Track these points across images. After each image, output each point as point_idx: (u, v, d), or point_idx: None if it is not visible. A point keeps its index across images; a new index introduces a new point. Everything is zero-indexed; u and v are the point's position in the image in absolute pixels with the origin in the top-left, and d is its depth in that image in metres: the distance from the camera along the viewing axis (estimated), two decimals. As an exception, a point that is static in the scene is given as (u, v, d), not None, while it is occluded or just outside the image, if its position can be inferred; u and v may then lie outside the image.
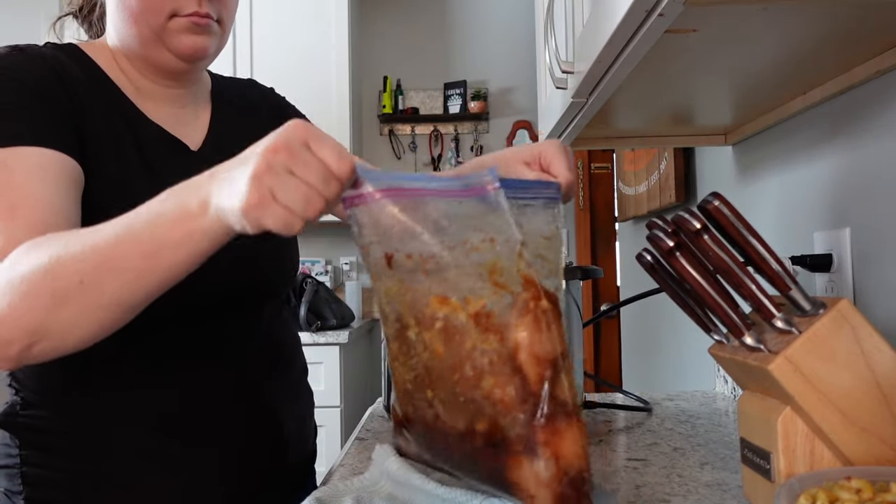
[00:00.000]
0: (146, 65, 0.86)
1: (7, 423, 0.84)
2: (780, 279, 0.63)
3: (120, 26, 0.84)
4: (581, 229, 3.42)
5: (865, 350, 0.61)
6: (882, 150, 0.86)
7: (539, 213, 0.58)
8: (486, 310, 0.53)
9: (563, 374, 0.53)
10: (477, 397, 0.53)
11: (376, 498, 0.72)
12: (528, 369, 0.52)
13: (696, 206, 0.65)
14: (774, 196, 1.16)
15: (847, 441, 0.60)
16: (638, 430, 1.04)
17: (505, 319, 0.53)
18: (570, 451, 0.53)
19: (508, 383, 0.52)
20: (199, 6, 0.81)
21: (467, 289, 0.53)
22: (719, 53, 0.79)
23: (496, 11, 3.47)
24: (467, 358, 0.53)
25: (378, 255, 0.56)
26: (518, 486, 0.53)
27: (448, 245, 0.54)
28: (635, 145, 1.35)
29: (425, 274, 0.54)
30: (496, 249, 0.54)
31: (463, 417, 0.55)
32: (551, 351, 0.53)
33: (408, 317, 0.56)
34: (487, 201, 0.55)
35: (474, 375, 0.53)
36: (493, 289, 0.53)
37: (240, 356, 0.89)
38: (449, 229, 0.54)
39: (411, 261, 0.55)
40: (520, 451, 0.53)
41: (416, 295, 0.55)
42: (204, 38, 0.83)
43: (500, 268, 0.54)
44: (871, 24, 0.71)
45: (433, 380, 0.56)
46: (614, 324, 3.30)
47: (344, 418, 2.65)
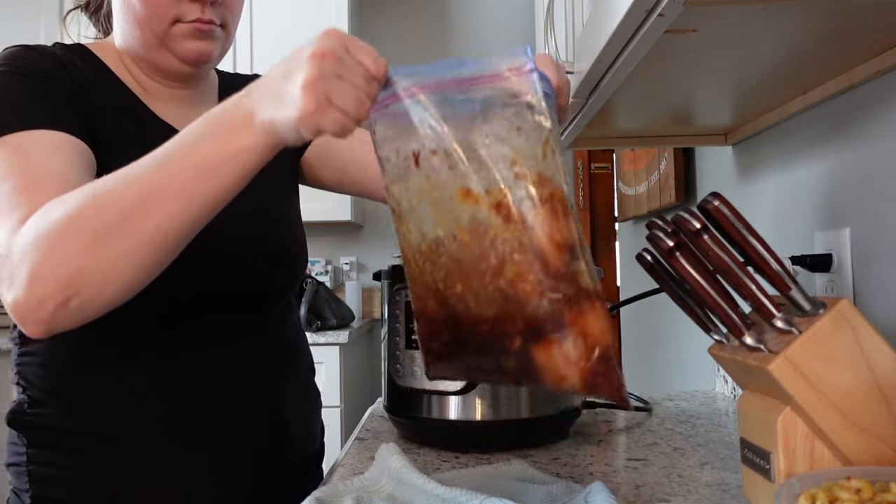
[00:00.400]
0: (151, 67, 0.86)
1: (15, 422, 0.84)
2: (780, 279, 0.63)
3: (125, 29, 0.84)
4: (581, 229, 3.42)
5: (865, 350, 0.61)
6: (882, 150, 0.85)
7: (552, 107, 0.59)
8: (506, 200, 0.54)
9: (581, 259, 0.55)
10: (503, 285, 0.55)
11: (376, 498, 0.72)
12: (549, 255, 0.54)
13: (696, 206, 0.65)
14: (774, 196, 1.16)
15: (847, 441, 0.60)
16: (638, 430, 1.04)
17: (525, 209, 0.54)
18: (596, 329, 0.55)
19: (531, 270, 0.54)
20: (203, 12, 0.81)
21: (489, 181, 0.55)
22: (719, 53, 0.79)
23: (496, 11, 3.47)
24: (491, 247, 0.55)
25: (406, 154, 0.57)
26: (548, 369, 0.55)
27: (473, 137, 0.55)
28: (635, 145, 1.35)
29: (450, 168, 0.56)
30: (521, 136, 0.55)
31: (493, 307, 0.56)
32: (569, 237, 0.55)
33: (437, 212, 0.57)
34: (521, 83, 0.55)
35: (498, 264, 0.55)
36: (514, 179, 0.55)
37: (245, 355, 0.89)
38: (476, 120, 0.55)
39: (436, 157, 0.56)
40: (547, 334, 0.54)
41: (444, 189, 0.56)
42: (207, 44, 0.83)
43: (521, 159, 0.55)
44: (871, 24, 0.71)
45: (464, 273, 0.57)
46: (614, 324, 3.30)
47: (344, 418, 2.65)
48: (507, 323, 0.56)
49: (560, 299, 0.54)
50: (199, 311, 0.85)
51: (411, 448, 0.94)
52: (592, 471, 0.83)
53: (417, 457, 0.90)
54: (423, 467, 0.85)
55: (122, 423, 0.83)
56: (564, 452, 0.92)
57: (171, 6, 0.80)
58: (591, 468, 0.84)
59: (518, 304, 0.55)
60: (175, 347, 0.84)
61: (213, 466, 0.85)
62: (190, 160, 0.60)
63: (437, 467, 0.85)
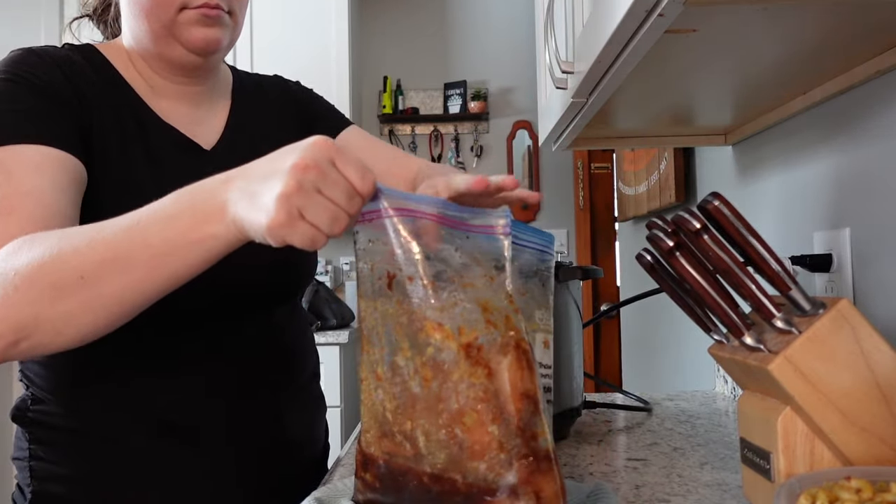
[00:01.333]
0: (160, 62, 0.85)
1: (18, 417, 0.85)
2: (780, 279, 0.63)
3: (132, 24, 0.84)
4: (581, 229, 3.42)
5: (865, 350, 0.61)
6: (882, 150, 0.85)
7: (531, 256, 0.60)
8: (477, 342, 0.53)
9: (541, 417, 0.53)
10: (458, 433, 0.52)
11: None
12: (513, 406, 0.52)
13: (696, 206, 0.65)
14: (774, 196, 1.16)
15: (847, 441, 0.60)
16: (638, 430, 1.04)
17: (493, 355, 0.53)
18: (550, 492, 0.52)
19: (493, 421, 0.52)
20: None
21: (462, 320, 0.54)
22: (719, 53, 0.79)
23: (496, 11, 3.47)
24: (454, 390, 0.53)
25: (381, 274, 0.56)
26: None
27: (450, 275, 0.55)
28: (635, 145, 1.35)
29: (423, 299, 0.54)
30: (492, 287, 0.55)
31: (443, 453, 0.53)
32: (532, 389, 0.53)
33: (401, 340, 0.55)
34: (493, 241, 0.56)
35: (458, 408, 0.53)
36: (485, 324, 0.54)
37: (249, 358, 0.89)
38: (453, 259, 0.55)
39: (412, 284, 0.55)
40: (498, 491, 0.52)
41: (413, 318, 0.55)
42: (216, 31, 0.82)
43: (492, 307, 0.54)
44: (871, 24, 0.71)
45: (417, 410, 0.54)
46: (614, 324, 3.31)
47: (344, 418, 2.65)
48: (454, 472, 0.53)
49: (518, 455, 0.52)
50: (203, 318, 0.84)
51: (411, 448, 0.94)
52: (592, 471, 0.83)
53: (417, 457, 0.90)
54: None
55: (124, 425, 0.82)
56: (564, 452, 0.92)
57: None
58: (591, 468, 0.84)
59: (471, 455, 0.52)
60: (178, 351, 0.84)
61: (214, 469, 0.85)
62: (159, 237, 0.60)
63: (437, 467, 0.85)
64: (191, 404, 0.84)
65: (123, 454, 0.82)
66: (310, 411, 0.99)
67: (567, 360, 0.95)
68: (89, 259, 0.61)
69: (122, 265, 0.60)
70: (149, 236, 0.60)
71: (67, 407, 0.83)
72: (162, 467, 0.83)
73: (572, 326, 0.97)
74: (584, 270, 0.97)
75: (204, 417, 0.85)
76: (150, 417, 0.83)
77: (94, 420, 0.82)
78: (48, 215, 0.69)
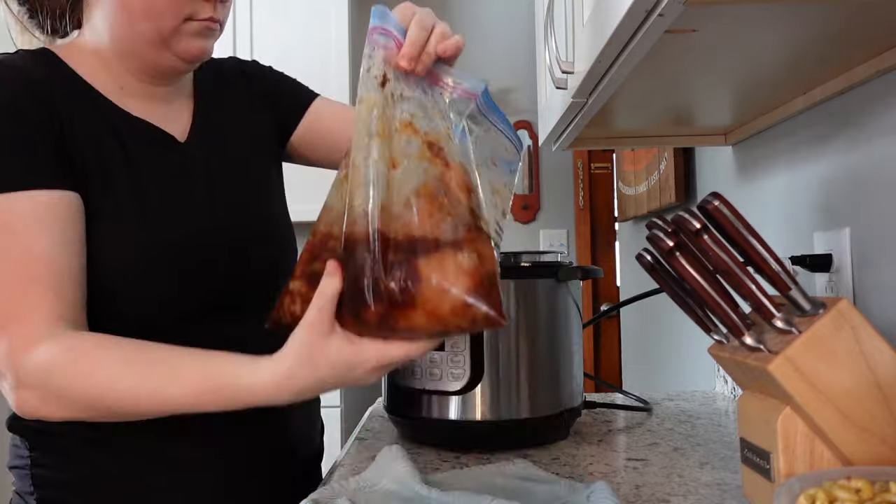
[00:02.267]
0: (141, 64, 0.83)
1: (16, 426, 0.84)
2: (780, 279, 0.63)
3: (115, 26, 0.81)
4: (581, 229, 3.42)
5: (865, 350, 0.61)
6: (882, 150, 0.85)
7: (497, 138, 0.73)
8: (439, 144, 0.66)
9: (481, 213, 0.66)
10: (416, 203, 0.64)
11: (373, 499, 0.72)
12: (463, 193, 0.65)
13: (696, 206, 0.65)
14: (774, 196, 1.16)
15: (847, 441, 0.60)
16: (638, 430, 1.04)
17: (449, 158, 0.66)
18: (488, 252, 0.63)
19: (445, 196, 0.65)
20: (214, 11, 0.81)
21: (431, 127, 0.67)
22: (719, 53, 0.79)
23: (496, 11, 3.47)
24: (415, 171, 0.65)
25: (377, 73, 0.67)
26: (431, 283, 0.61)
27: (426, 98, 0.68)
28: (635, 145, 1.35)
29: (404, 103, 0.67)
30: (448, 134, 0.68)
31: (400, 224, 0.64)
32: (474, 188, 0.67)
33: (382, 128, 0.66)
34: (467, 104, 0.70)
35: (417, 186, 0.65)
36: (445, 134, 0.67)
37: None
38: (427, 92, 0.69)
39: (397, 91, 0.67)
40: (442, 247, 0.62)
41: (391, 116, 0.66)
42: (210, 42, 0.83)
43: (449, 130, 0.68)
44: (871, 24, 0.71)
45: (380, 189, 0.65)
46: (614, 324, 3.30)
47: (344, 418, 2.65)
48: (405, 239, 0.63)
49: (463, 223, 0.63)
50: (200, 317, 0.84)
51: (411, 448, 0.94)
52: (592, 471, 0.83)
53: (417, 457, 0.90)
54: (423, 467, 0.85)
55: (121, 426, 0.80)
56: (564, 452, 0.92)
57: (187, 4, 0.79)
58: (591, 468, 0.84)
59: (424, 221, 0.63)
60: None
61: (213, 468, 0.86)
62: (213, 405, 0.70)
63: (437, 467, 0.86)
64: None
65: (124, 455, 0.82)
66: (307, 405, 0.99)
67: (567, 360, 0.96)
68: (137, 403, 0.71)
69: (167, 408, 0.72)
70: (206, 400, 0.70)
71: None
72: (167, 470, 0.83)
73: (572, 326, 0.97)
74: (584, 270, 0.97)
75: (202, 417, 0.83)
76: (155, 421, 0.80)
77: (97, 427, 0.80)
78: (64, 283, 0.74)
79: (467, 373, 0.89)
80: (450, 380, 0.90)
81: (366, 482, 0.75)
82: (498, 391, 0.90)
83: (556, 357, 0.94)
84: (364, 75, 0.67)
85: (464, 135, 0.69)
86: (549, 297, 0.94)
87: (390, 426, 1.06)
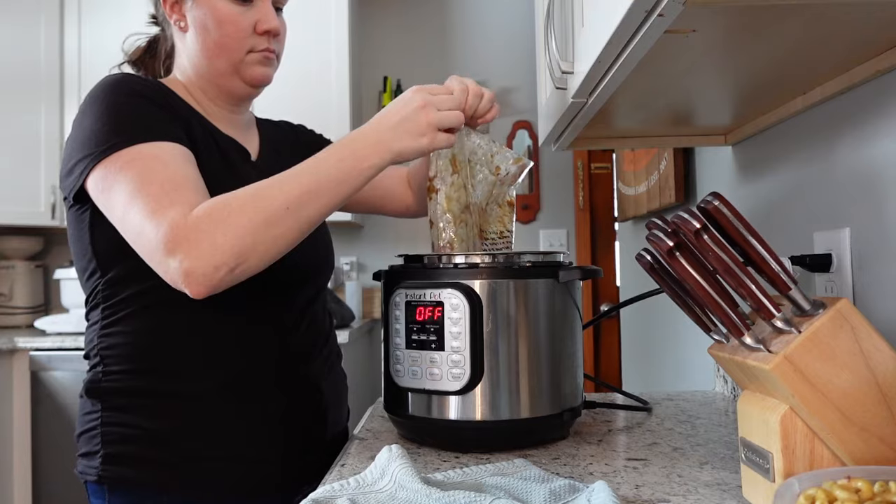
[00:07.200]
0: (219, 92, 1.08)
1: (91, 390, 1.00)
2: (780, 279, 0.63)
3: (197, 63, 1.06)
4: (581, 229, 3.42)
5: (865, 350, 0.61)
6: (882, 150, 0.86)
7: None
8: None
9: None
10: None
11: (373, 499, 0.72)
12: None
13: (696, 206, 0.65)
14: (774, 196, 1.16)
15: (847, 441, 0.60)
16: (638, 430, 1.04)
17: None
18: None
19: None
20: (269, 44, 1.06)
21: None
22: (719, 53, 0.79)
23: (496, 11, 3.47)
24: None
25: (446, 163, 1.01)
26: None
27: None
28: (635, 145, 1.35)
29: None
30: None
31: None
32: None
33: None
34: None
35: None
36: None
37: (292, 334, 1.06)
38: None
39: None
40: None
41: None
42: (269, 69, 1.08)
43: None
44: (871, 24, 0.71)
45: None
46: (614, 324, 3.30)
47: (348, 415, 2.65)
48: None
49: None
50: (262, 295, 1.01)
51: (411, 448, 0.94)
52: (592, 471, 0.83)
53: (417, 457, 0.90)
54: (423, 467, 0.85)
55: (190, 385, 0.98)
56: (564, 452, 0.92)
57: (248, 39, 1.04)
58: (591, 468, 0.84)
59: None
60: (237, 324, 1.01)
61: (263, 427, 1.01)
62: (337, 170, 0.89)
63: (437, 467, 0.86)
64: (246, 370, 1.01)
65: (188, 413, 0.97)
66: (338, 385, 1.16)
67: (567, 361, 0.96)
68: (290, 195, 0.86)
69: (314, 195, 0.87)
70: (331, 172, 0.89)
71: (142, 373, 0.98)
72: (221, 425, 0.98)
73: (572, 327, 0.97)
74: (583, 270, 0.97)
75: (257, 382, 1.01)
76: (214, 381, 0.99)
77: (165, 382, 0.98)
78: (200, 188, 0.91)
79: (467, 373, 0.89)
80: (450, 380, 0.90)
81: (366, 482, 0.75)
82: (498, 391, 0.90)
83: (556, 357, 0.94)
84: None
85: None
86: (549, 297, 0.94)
87: (390, 426, 1.06)
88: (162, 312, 0.97)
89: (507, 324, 0.91)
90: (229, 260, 0.83)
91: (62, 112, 3.03)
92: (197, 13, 1.04)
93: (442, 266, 0.94)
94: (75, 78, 3.03)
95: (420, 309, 0.92)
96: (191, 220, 0.84)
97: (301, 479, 1.04)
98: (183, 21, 1.06)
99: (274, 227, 0.85)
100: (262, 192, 0.87)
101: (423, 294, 0.92)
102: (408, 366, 0.93)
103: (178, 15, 1.06)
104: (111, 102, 0.94)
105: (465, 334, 0.89)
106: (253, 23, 1.04)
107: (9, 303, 3.13)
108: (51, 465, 2.70)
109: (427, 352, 0.91)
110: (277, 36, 1.07)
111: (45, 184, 3.00)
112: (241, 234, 0.84)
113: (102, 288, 0.99)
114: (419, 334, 0.92)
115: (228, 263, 0.84)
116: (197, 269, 0.83)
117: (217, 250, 0.83)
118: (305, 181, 0.87)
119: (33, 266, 3.21)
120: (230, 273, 0.84)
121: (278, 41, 1.08)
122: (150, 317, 0.98)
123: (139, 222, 0.87)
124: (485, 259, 0.93)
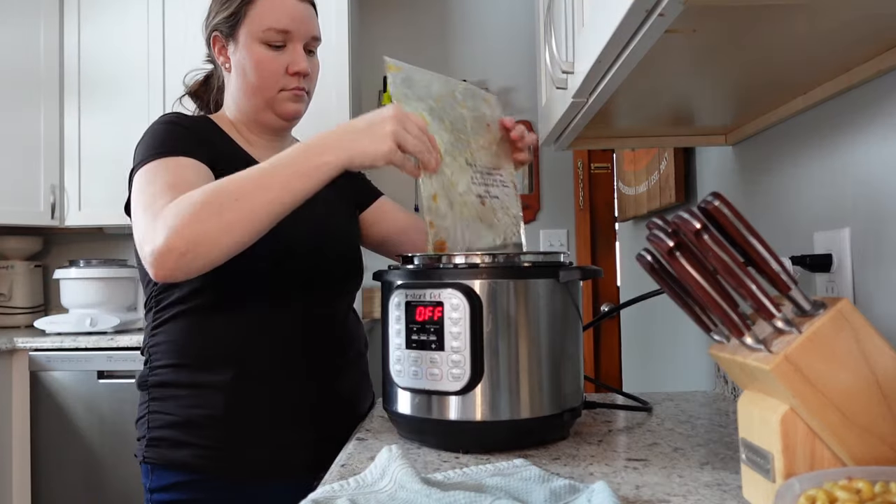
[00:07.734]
0: (257, 125, 1.23)
1: (141, 384, 1.16)
2: (780, 279, 0.63)
3: (239, 100, 1.21)
4: (581, 229, 3.42)
5: (865, 350, 0.61)
6: (882, 150, 0.85)
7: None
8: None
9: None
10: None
11: (373, 499, 0.72)
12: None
13: (696, 206, 0.65)
14: (774, 196, 1.16)
15: (847, 441, 0.60)
16: (638, 430, 1.04)
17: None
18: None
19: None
20: (299, 83, 1.19)
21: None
22: (719, 53, 0.79)
23: (496, 11, 3.47)
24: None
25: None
26: None
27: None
28: (635, 145, 1.35)
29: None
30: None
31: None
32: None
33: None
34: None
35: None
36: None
37: (322, 331, 1.18)
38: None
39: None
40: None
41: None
42: (300, 105, 1.22)
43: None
44: (871, 24, 0.71)
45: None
46: (614, 324, 3.30)
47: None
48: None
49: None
50: (299, 292, 1.14)
51: (411, 448, 0.94)
52: (592, 471, 0.83)
53: (417, 457, 0.90)
54: (423, 467, 0.85)
55: (224, 377, 1.10)
56: (564, 452, 0.92)
57: (280, 79, 1.18)
58: (591, 468, 0.84)
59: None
60: (271, 322, 1.13)
61: (294, 414, 1.13)
62: (290, 167, 0.94)
63: (437, 467, 0.85)
64: (279, 363, 1.13)
65: (225, 401, 1.09)
66: (363, 381, 1.28)
67: (567, 361, 0.95)
68: (241, 187, 0.93)
69: (264, 188, 0.93)
70: (282, 168, 0.94)
71: (183, 367, 1.12)
72: (255, 412, 1.10)
73: (572, 327, 0.97)
74: (584, 271, 0.97)
75: (289, 373, 1.14)
76: (250, 372, 1.11)
77: (204, 374, 1.10)
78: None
79: (467, 373, 0.89)
80: (450, 380, 0.90)
81: (366, 482, 0.75)
82: (498, 391, 0.90)
83: (557, 357, 0.94)
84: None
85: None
86: (550, 298, 0.94)
87: (390, 426, 1.06)
88: (199, 315, 1.11)
89: (507, 324, 0.91)
90: (179, 244, 0.90)
91: (62, 112, 3.02)
92: (238, 57, 1.19)
93: (442, 266, 0.94)
94: (75, 78, 3.03)
95: (420, 309, 0.92)
96: (164, 209, 0.94)
97: (332, 461, 1.06)
98: (228, 63, 1.21)
99: (219, 215, 0.91)
100: (220, 184, 0.94)
101: (423, 294, 0.92)
102: (408, 366, 0.93)
103: (224, 58, 1.22)
104: (153, 130, 1.12)
105: (465, 334, 0.89)
106: (285, 65, 1.18)
107: (8, 303, 3.13)
108: (50, 465, 2.70)
109: (427, 352, 0.91)
110: (307, 76, 1.21)
111: (44, 184, 3.00)
112: (190, 221, 0.91)
113: (154, 294, 1.15)
114: (419, 334, 0.92)
115: (179, 247, 0.90)
116: (154, 250, 0.92)
117: (170, 233, 0.91)
118: (258, 174, 0.94)
119: (33, 266, 3.21)
120: (182, 257, 0.91)
121: (308, 80, 1.22)
122: (189, 319, 1.12)
123: (139, 216, 0.99)
124: (485, 259, 0.93)
